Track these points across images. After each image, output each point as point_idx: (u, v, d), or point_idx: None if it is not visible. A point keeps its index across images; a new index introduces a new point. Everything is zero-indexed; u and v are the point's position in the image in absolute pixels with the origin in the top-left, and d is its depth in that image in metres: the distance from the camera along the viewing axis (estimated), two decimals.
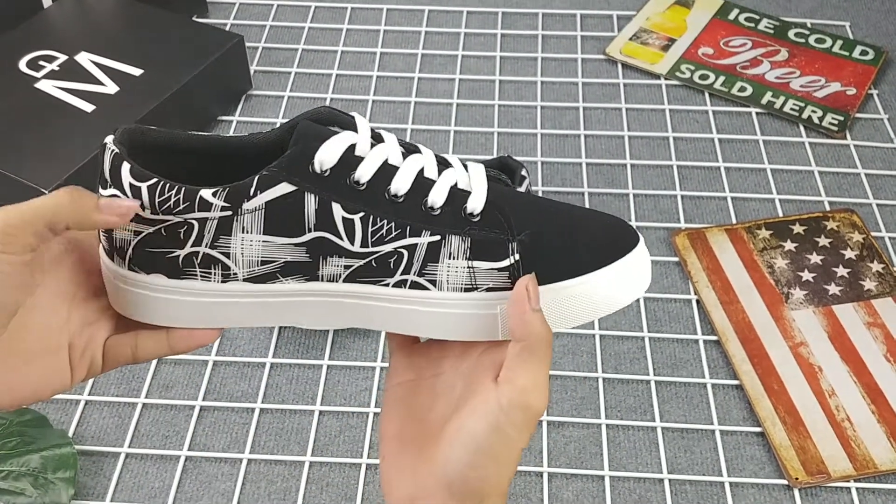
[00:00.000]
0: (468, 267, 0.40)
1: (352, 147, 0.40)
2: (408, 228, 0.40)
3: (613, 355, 0.77)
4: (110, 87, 0.90)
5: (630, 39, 1.09)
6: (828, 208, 0.89)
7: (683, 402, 0.74)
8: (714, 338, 0.78)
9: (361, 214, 0.40)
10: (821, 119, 0.98)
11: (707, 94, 1.02)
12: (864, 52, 1.07)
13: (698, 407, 0.74)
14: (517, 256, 0.40)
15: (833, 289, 0.81)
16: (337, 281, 0.41)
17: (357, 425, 0.73)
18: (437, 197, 0.40)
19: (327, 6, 1.14)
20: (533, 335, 0.39)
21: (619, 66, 1.06)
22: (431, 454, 0.39)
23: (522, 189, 0.79)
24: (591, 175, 0.93)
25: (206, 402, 0.74)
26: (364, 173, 0.40)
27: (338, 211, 0.39)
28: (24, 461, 0.66)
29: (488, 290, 0.41)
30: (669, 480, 0.70)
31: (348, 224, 0.40)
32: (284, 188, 0.39)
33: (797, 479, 0.69)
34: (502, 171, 0.81)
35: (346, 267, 0.40)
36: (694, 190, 0.92)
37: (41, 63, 0.92)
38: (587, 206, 0.90)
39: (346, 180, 0.39)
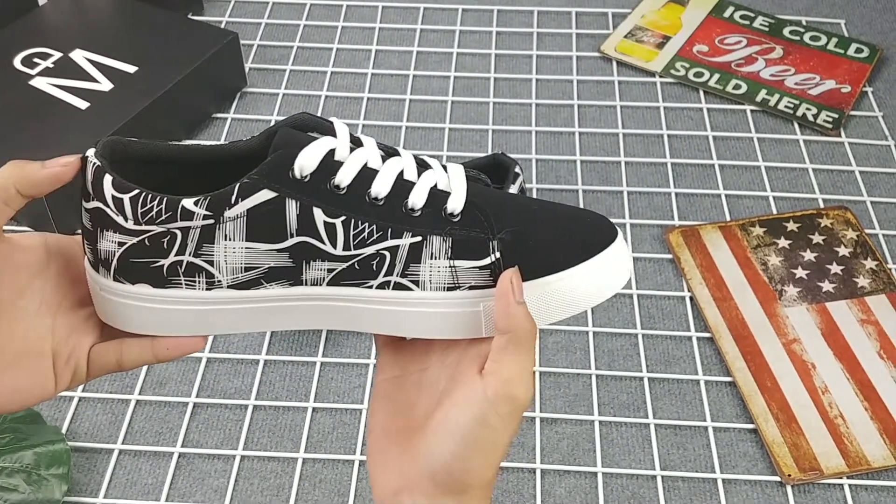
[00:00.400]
0: (450, 266, 0.41)
1: (331, 152, 0.40)
2: (389, 230, 0.40)
3: (607, 352, 0.78)
4: (105, 85, 0.90)
5: (625, 37, 1.09)
6: (822, 206, 0.90)
7: (676, 399, 0.75)
8: (707, 335, 0.79)
9: (343, 218, 0.40)
10: (815, 117, 0.99)
11: (701, 92, 1.02)
12: (858, 50, 1.07)
13: (691, 404, 0.74)
14: (498, 254, 0.41)
15: (827, 286, 0.81)
16: (321, 285, 0.41)
17: (350, 422, 0.73)
18: (417, 198, 0.41)
19: (322, 4, 1.14)
20: (518, 327, 0.39)
21: (614, 63, 1.06)
22: (416, 446, 0.39)
23: (516, 186, 0.79)
24: (586, 172, 0.93)
25: (200, 398, 0.74)
26: (344, 178, 0.40)
27: (319, 216, 0.40)
28: (17, 458, 0.66)
29: (471, 288, 0.41)
30: (662, 477, 0.70)
31: (330, 228, 0.40)
32: (265, 195, 0.39)
33: (790, 475, 0.69)
34: (496, 169, 0.81)
35: (330, 270, 0.41)
36: (688, 187, 0.92)
37: (36, 60, 0.92)
38: (581, 203, 0.90)
39: (326, 185, 0.40)
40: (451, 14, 1.13)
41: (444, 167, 0.43)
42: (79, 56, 0.93)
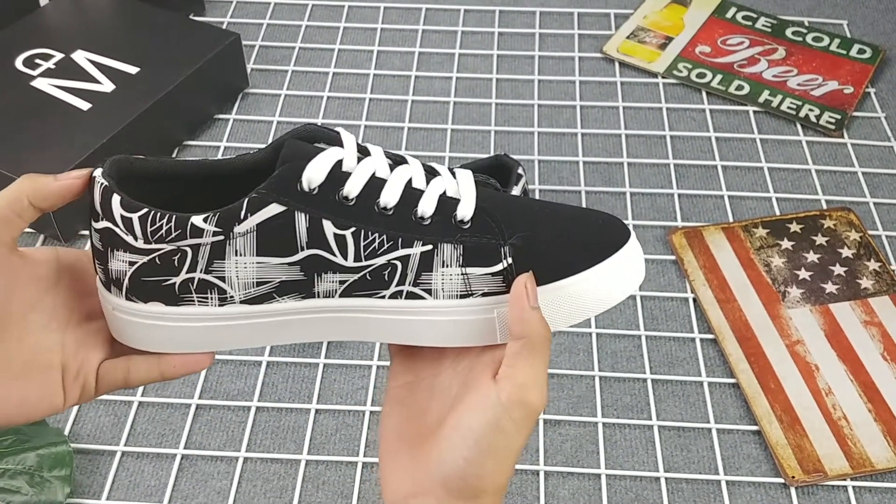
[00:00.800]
0: (462, 274, 0.41)
1: (339, 163, 0.40)
2: (399, 240, 0.40)
3: (610, 354, 0.77)
4: (107, 86, 0.90)
5: (627, 38, 1.09)
6: (825, 207, 0.89)
7: (680, 401, 0.74)
8: (711, 336, 0.78)
9: (353, 229, 0.40)
10: (818, 117, 0.98)
11: (704, 93, 1.02)
12: (861, 51, 1.07)
13: (695, 405, 0.74)
14: (510, 260, 0.41)
15: (830, 287, 0.81)
16: (333, 297, 0.41)
17: (353, 423, 0.73)
18: (426, 207, 0.40)
19: (324, 4, 1.14)
20: (532, 332, 0.39)
21: (617, 64, 1.06)
22: (428, 451, 0.39)
23: (519, 187, 0.79)
24: (588, 174, 0.93)
25: (203, 400, 0.74)
26: (352, 188, 0.40)
27: (329, 227, 0.40)
28: (20, 459, 0.66)
29: (484, 295, 0.41)
30: (666, 479, 0.70)
31: (340, 240, 0.40)
32: (274, 209, 0.39)
33: (794, 477, 0.69)
34: (499, 170, 0.81)
35: (342, 282, 0.41)
36: (691, 188, 0.92)
37: (37, 61, 0.92)
38: (584, 204, 0.90)
39: (335, 196, 0.40)
40: (453, 15, 1.12)
41: (453, 173, 0.43)
42: (80, 57, 0.93)
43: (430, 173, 0.43)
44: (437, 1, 1.14)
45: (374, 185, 0.40)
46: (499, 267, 0.41)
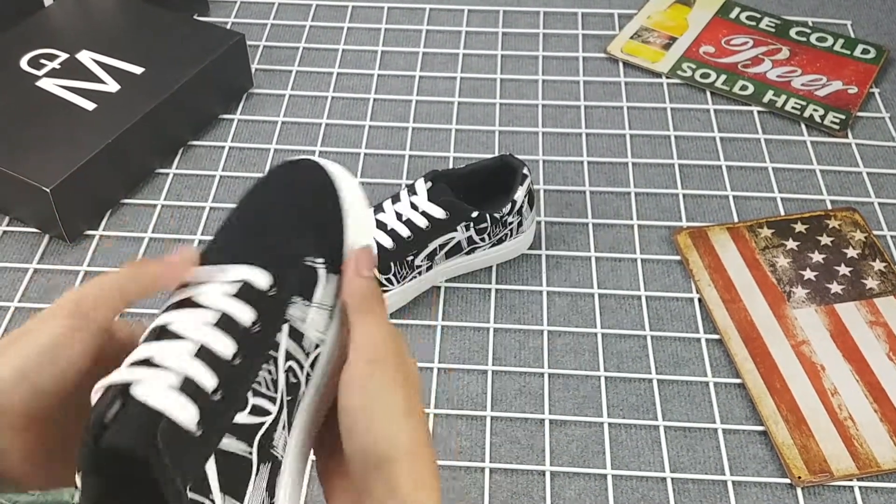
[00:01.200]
0: (316, 308, 0.40)
1: (176, 385, 0.34)
2: (275, 350, 0.38)
3: (615, 354, 0.77)
4: (112, 86, 0.90)
5: (631, 38, 1.09)
6: (829, 207, 0.89)
7: (686, 401, 0.74)
8: (716, 336, 0.78)
9: (249, 392, 0.36)
10: (822, 118, 0.98)
11: (708, 93, 1.02)
12: (865, 51, 1.07)
13: (701, 406, 0.74)
14: (321, 260, 0.41)
15: (835, 287, 0.81)
16: (285, 452, 0.38)
17: None
18: (244, 316, 0.37)
19: (328, 4, 1.14)
20: (355, 294, 0.40)
21: (621, 64, 1.06)
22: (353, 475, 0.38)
23: (524, 188, 0.79)
24: (593, 174, 0.93)
25: None
26: (206, 380, 0.35)
27: (243, 418, 0.36)
28: None
29: (337, 296, 0.42)
30: (672, 479, 0.70)
31: (257, 409, 0.36)
32: (212, 467, 0.34)
33: (800, 477, 0.69)
34: (503, 170, 0.81)
35: (283, 429, 0.38)
36: (695, 188, 0.92)
37: (42, 61, 0.92)
38: (588, 205, 0.89)
39: (211, 401, 0.35)
40: (457, 15, 1.12)
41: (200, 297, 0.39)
42: (85, 57, 0.93)
43: (191, 305, 0.38)
44: (440, 1, 1.14)
45: (207, 358, 0.36)
46: (323, 279, 0.40)
